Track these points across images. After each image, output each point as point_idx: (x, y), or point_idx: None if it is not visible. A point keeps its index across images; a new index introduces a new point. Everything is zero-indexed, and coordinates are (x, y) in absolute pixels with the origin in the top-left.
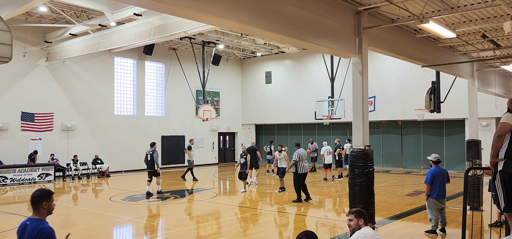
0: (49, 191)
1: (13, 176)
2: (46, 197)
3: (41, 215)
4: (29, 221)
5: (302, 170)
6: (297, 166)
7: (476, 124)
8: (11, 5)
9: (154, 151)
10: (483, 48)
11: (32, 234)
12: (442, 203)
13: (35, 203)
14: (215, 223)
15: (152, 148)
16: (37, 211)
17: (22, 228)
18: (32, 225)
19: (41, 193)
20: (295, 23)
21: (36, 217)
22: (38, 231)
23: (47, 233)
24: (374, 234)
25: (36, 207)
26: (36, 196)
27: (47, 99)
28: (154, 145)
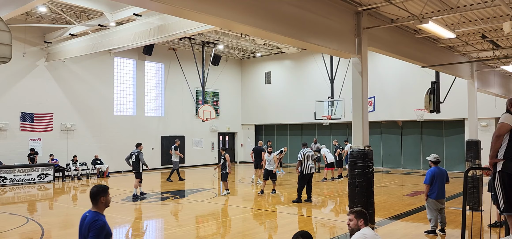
0: (105, 186)
1: (12, 176)
2: (103, 192)
3: (98, 209)
4: (89, 213)
5: (307, 170)
6: (302, 166)
7: (476, 124)
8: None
9: (139, 152)
10: (483, 48)
11: (88, 223)
12: (442, 203)
13: (94, 198)
14: (215, 223)
15: (137, 149)
16: (95, 205)
17: (83, 219)
18: (90, 217)
19: (99, 189)
20: (294, 24)
21: (94, 210)
22: (93, 221)
23: (100, 226)
24: (374, 234)
25: (95, 201)
26: (95, 192)
27: (47, 99)
28: (139, 145)
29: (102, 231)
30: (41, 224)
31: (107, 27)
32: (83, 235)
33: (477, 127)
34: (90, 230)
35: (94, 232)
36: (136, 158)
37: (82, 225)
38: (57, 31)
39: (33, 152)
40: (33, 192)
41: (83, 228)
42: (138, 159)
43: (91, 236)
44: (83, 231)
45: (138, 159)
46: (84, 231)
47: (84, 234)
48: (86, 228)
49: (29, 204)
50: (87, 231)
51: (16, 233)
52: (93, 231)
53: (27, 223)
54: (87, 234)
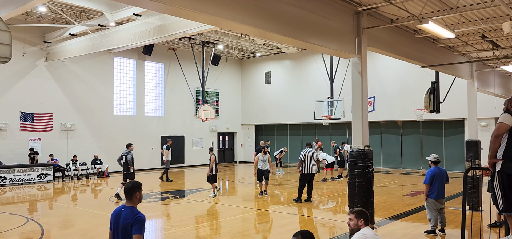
0: (139, 182)
1: (12, 176)
2: (138, 188)
3: (133, 204)
4: (124, 208)
5: (308, 170)
6: (303, 166)
7: (476, 124)
8: (11, 5)
9: (129, 152)
10: (483, 48)
11: (127, 219)
12: (441, 203)
13: (129, 193)
14: (215, 223)
15: (127, 149)
16: (130, 200)
17: (117, 212)
18: (127, 212)
19: (134, 184)
20: (294, 24)
21: (129, 205)
22: (133, 216)
23: (141, 220)
24: (374, 234)
25: (130, 197)
26: (130, 188)
27: (47, 99)
28: (130, 146)
29: (144, 223)
30: (41, 224)
31: (107, 27)
32: (120, 228)
33: (476, 127)
34: (134, 224)
35: (137, 225)
36: (126, 159)
37: (118, 219)
38: (57, 31)
39: (33, 152)
40: (33, 192)
41: (121, 222)
42: (127, 159)
43: (136, 229)
44: (121, 224)
45: (127, 160)
46: (123, 224)
47: (123, 227)
48: (125, 221)
49: (29, 204)
50: (130, 225)
51: (16, 233)
52: (137, 224)
53: (27, 223)
54: (130, 228)
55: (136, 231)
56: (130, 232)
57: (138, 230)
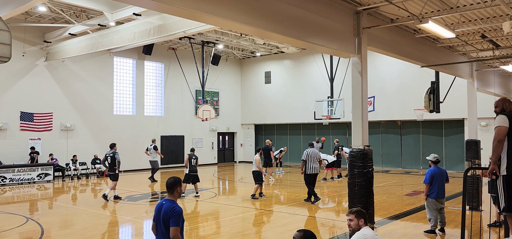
0: (179, 178)
1: (12, 176)
2: (179, 183)
3: (174, 197)
4: (165, 202)
5: (311, 170)
6: (305, 166)
7: (475, 124)
8: (10, 4)
9: (114, 153)
10: (483, 48)
11: (167, 211)
12: (441, 203)
13: (171, 188)
14: (215, 223)
15: (112, 149)
16: (171, 194)
17: (159, 206)
18: (167, 205)
19: (175, 180)
20: (294, 23)
21: (170, 198)
22: (171, 209)
23: (178, 212)
24: (374, 234)
25: (171, 191)
26: (171, 183)
27: (46, 99)
28: (114, 146)
29: (181, 216)
30: (41, 223)
31: (107, 26)
32: (161, 220)
33: (476, 127)
34: (171, 216)
35: (175, 217)
36: (112, 159)
37: (160, 212)
38: (56, 31)
39: (33, 151)
40: (32, 192)
41: (162, 214)
42: (114, 159)
43: (172, 221)
44: (162, 216)
45: (114, 160)
46: (163, 217)
47: (163, 219)
48: (165, 214)
49: (29, 204)
50: (168, 217)
51: (15, 233)
52: (174, 217)
53: (26, 223)
54: (168, 220)
55: (173, 223)
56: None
57: (175, 222)
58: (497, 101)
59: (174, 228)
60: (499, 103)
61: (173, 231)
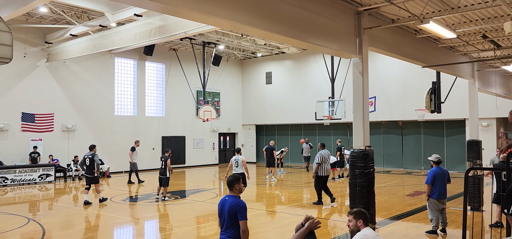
0: (238, 176)
1: (13, 176)
2: (237, 181)
3: (234, 193)
4: (228, 197)
5: (323, 172)
6: (319, 169)
7: (477, 124)
8: (12, 5)
9: (93, 154)
10: (484, 48)
11: (232, 206)
12: (443, 203)
13: (230, 185)
14: (216, 223)
15: (91, 151)
16: (231, 190)
17: (222, 202)
18: (231, 200)
19: (234, 178)
20: (295, 24)
21: (232, 194)
22: (237, 204)
23: (244, 207)
24: (375, 235)
25: (231, 188)
26: (231, 181)
27: (48, 100)
28: (93, 147)
29: (246, 210)
30: (42, 224)
31: (108, 27)
32: (227, 214)
33: (478, 127)
34: (238, 211)
35: (241, 212)
36: (91, 161)
37: (223, 206)
38: (58, 32)
39: (35, 151)
40: (34, 192)
41: (227, 209)
42: (93, 161)
43: (241, 216)
44: (227, 211)
45: (93, 162)
46: (229, 211)
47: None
48: (231, 209)
49: (30, 205)
50: (234, 212)
51: (17, 234)
52: (241, 211)
53: (28, 224)
54: (235, 214)
55: (241, 217)
56: (235, 217)
57: (243, 216)
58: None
59: (243, 222)
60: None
61: (243, 224)
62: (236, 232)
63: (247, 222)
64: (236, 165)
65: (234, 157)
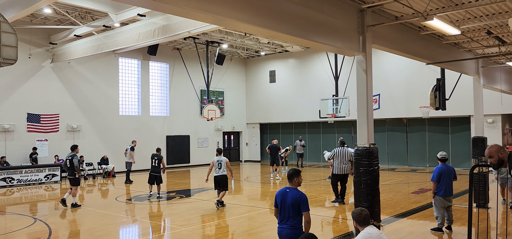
0: (298, 170)
1: (19, 177)
2: (297, 174)
3: (294, 185)
4: (289, 190)
5: (339, 170)
6: (333, 165)
7: (482, 121)
8: (16, 7)
9: (73, 156)
10: (488, 44)
11: (295, 198)
12: (449, 201)
13: (290, 178)
14: (220, 222)
15: (72, 152)
16: (291, 183)
17: (282, 193)
18: (293, 192)
19: (294, 171)
20: (298, 22)
21: (292, 187)
22: (299, 196)
23: (306, 198)
24: (379, 233)
25: (291, 181)
26: (291, 174)
27: (53, 100)
28: (75, 148)
29: (307, 201)
30: (49, 224)
31: (112, 27)
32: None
33: (483, 124)
34: (300, 203)
35: (304, 203)
36: (70, 163)
37: (284, 198)
38: (62, 32)
39: (34, 151)
40: (40, 193)
41: (289, 200)
42: (72, 163)
43: (303, 207)
44: (290, 202)
45: (72, 164)
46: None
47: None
48: (294, 200)
49: (37, 205)
50: (297, 203)
51: (23, 233)
52: (303, 203)
53: (34, 223)
54: (297, 206)
55: (305, 209)
56: (298, 208)
57: (306, 207)
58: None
59: (307, 213)
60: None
61: (307, 215)
62: (297, 222)
63: (309, 213)
64: (219, 166)
65: (216, 158)
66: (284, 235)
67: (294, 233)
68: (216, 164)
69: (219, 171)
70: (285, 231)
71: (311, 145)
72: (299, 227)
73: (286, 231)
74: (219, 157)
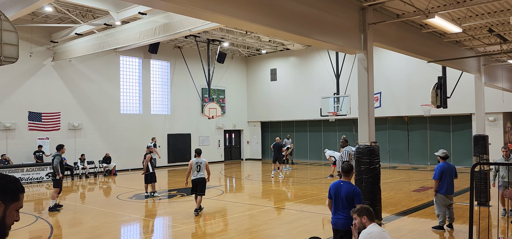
0: (352, 165)
1: (21, 175)
2: (353, 169)
3: (349, 179)
4: (343, 183)
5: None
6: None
7: (483, 119)
8: (17, 5)
9: (56, 155)
10: (490, 42)
11: (349, 191)
12: (450, 199)
13: (348, 173)
14: (222, 220)
15: (57, 151)
16: (347, 177)
17: (336, 185)
18: (347, 186)
19: (350, 167)
20: (300, 20)
21: (346, 180)
22: (353, 190)
23: (360, 192)
24: (381, 231)
25: (348, 175)
26: (349, 169)
27: (54, 98)
28: (60, 148)
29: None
30: (50, 222)
31: (113, 26)
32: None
33: (484, 122)
34: (355, 196)
35: (358, 197)
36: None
37: (338, 191)
38: (63, 31)
39: (39, 149)
40: (41, 191)
41: (344, 193)
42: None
43: (358, 200)
44: (344, 195)
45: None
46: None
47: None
48: (348, 193)
49: (38, 203)
50: (351, 196)
51: (25, 232)
52: (358, 196)
53: (36, 221)
54: (351, 198)
55: (358, 201)
56: (351, 200)
57: (360, 200)
58: None
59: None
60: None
61: None
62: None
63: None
64: (198, 168)
65: (195, 159)
66: (340, 225)
67: (348, 223)
68: (194, 166)
69: (197, 174)
70: (340, 221)
71: (312, 143)
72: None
73: (341, 221)
74: (198, 159)
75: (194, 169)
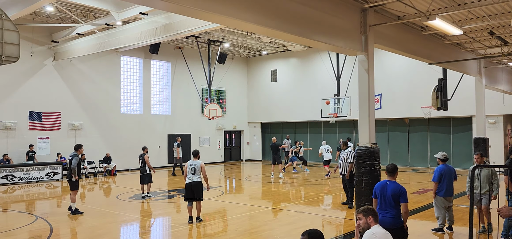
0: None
1: (21, 174)
2: (396, 169)
3: (394, 178)
4: (388, 183)
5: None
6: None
7: (484, 121)
8: (19, 5)
9: (74, 156)
10: (491, 45)
11: (395, 190)
12: (450, 201)
13: (392, 172)
14: (221, 221)
15: (74, 152)
16: (392, 177)
17: (382, 185)
18: (393, 185)
19: (395, 166)
20: (301, 22)
21: (392, 179)
22: (399, 189)
23: (405, 191)
24: (384, 232)
25: (393, 175)
26: (393, 168)
27: (55, 98)
28: (78, 148)
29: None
30: (50, 222)
31: (114, 26)
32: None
33: (485, 124)
34: (401, 195)
35: (404, 195)
36: (69, 163)
37: (384, 190)
38: (64, 31)
39: (31, 149)
40: (41, 190)
41: (389, 192)
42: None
43: (403, 199)
44: (390, 194)
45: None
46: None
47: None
48: (394, 192)
49: (38, 202)
50: (397, 195)
51: (25, 231)
52: (403, 195)
53: (35, 221)
54: (397, 197)
55: (404, 200)
56: (397, 199)
57: (405, 199)
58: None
59: (406, 204)
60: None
61: (405, 206)
62: (397, 212)
63: (407, 204)
64: (193, 171)
65: (190, 162)
66: (387, 224)
67: (395, 222)
68: (189, 169)
69: (193, 177)
70: (387, 220)
71: (313, 144)
72: (398, 216)
73: (388, 220)
74: (193, 160)
75: (188, 171)
